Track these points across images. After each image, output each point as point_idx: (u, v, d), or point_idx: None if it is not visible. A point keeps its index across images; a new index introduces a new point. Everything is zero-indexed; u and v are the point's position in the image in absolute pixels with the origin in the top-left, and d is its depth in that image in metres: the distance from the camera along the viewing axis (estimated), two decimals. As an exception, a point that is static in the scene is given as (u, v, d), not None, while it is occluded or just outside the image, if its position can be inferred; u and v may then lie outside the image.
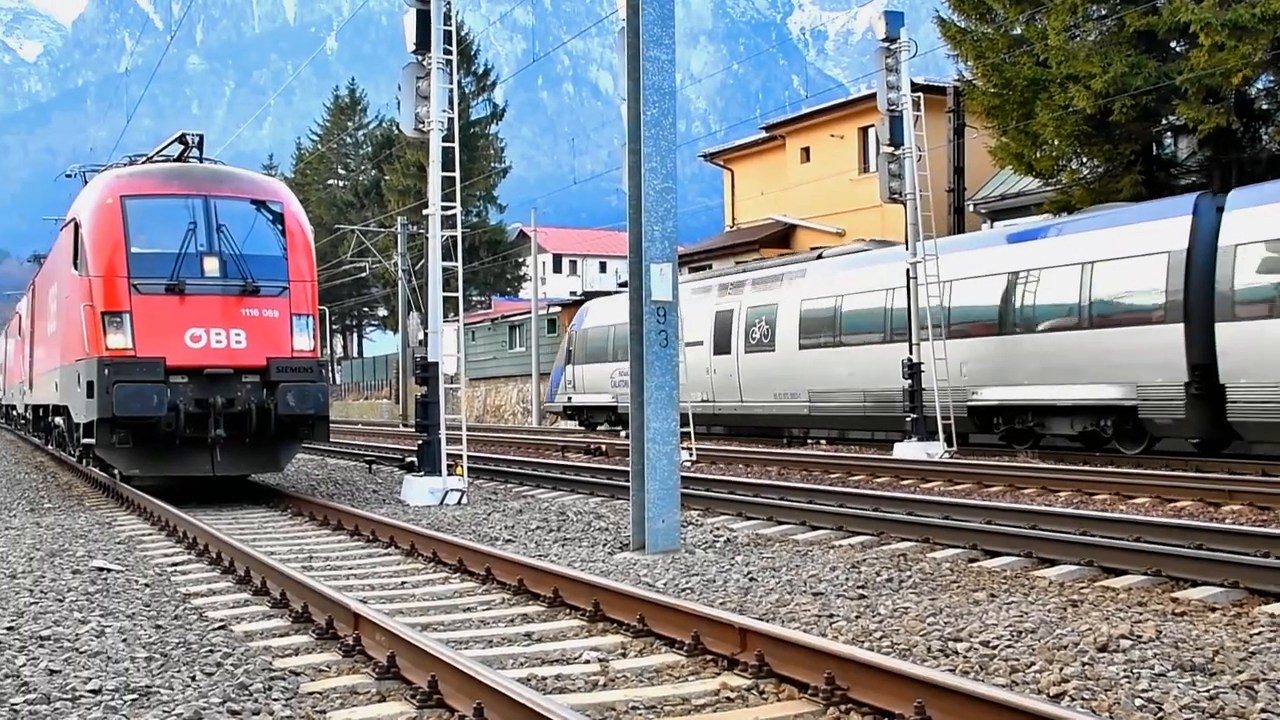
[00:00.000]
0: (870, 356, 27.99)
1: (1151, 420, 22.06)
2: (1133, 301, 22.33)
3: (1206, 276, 20.95)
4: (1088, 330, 22.89)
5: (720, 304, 34.13)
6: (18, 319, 35.80)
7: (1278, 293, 19.73)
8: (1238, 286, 20.25)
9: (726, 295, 34.16)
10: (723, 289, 34.53)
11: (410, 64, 18.05)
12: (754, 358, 32.30)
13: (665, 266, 12.07)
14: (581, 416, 42.78)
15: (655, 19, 12.14)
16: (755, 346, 32.11)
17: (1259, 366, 19.83)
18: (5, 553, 12.26)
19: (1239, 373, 20.14)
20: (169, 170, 18.84)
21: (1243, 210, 20.69)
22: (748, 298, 33.07)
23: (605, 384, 39.71)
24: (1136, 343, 22.05)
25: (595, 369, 40.62)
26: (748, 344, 32.59)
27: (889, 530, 12.65)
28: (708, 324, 34.11)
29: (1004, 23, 30.38)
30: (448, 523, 14.54)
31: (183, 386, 16.64)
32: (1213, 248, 20.89)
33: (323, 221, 73.45)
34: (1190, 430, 21.89)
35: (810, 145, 46.30)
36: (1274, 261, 19.82)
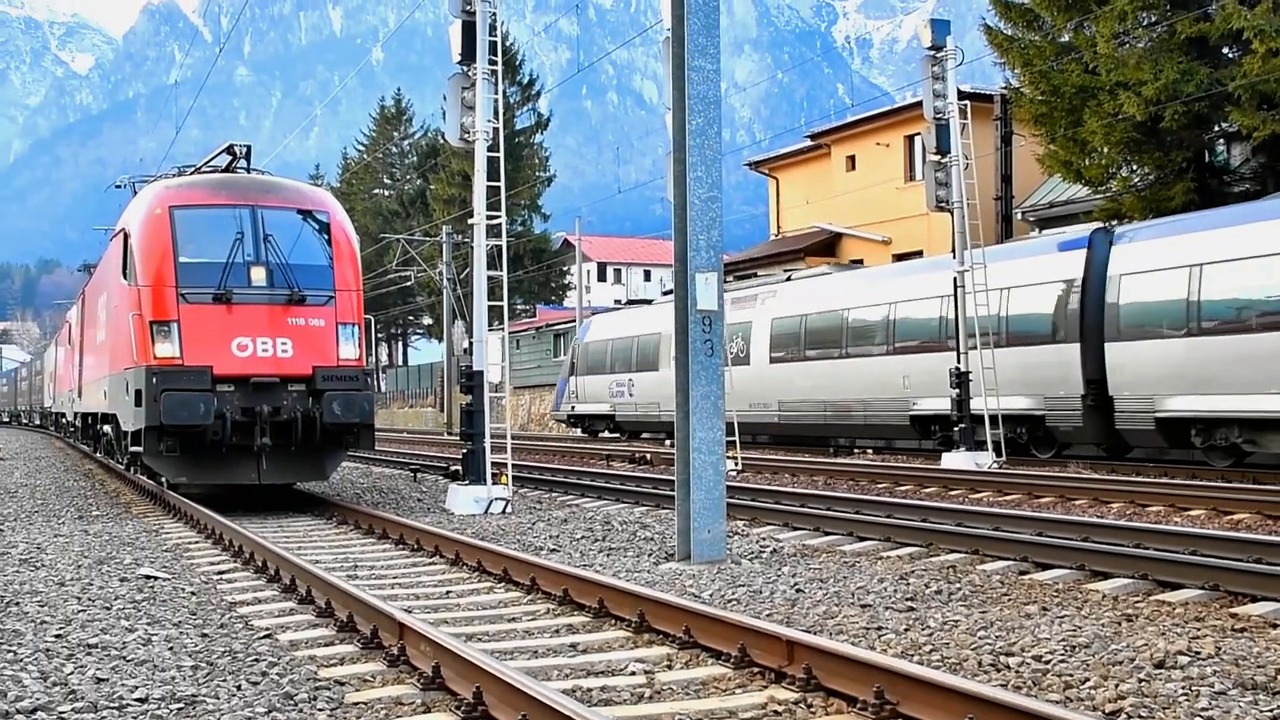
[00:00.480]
0: (829, 370, 30.52)
1: (1057, 427, 24.83)
2: (1039, 323, 25.12)
3: (1098, 302, 23.60)
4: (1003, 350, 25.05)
5: None
6: (67, 328, 36.05)
7: (1151, 318, 22.45)
8: (1122, 312, 23.01)
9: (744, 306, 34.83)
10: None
11: (455, 74, 18.03)
12: (734, 371, 31.29)
13: (710, 276, 12.00)
14: (584, 425, 44.97)
15: (700, 28, 12.08)
16: (733, 360, 32.67)
17: (1138, 381, 22.66)
18: (54, 560, 12.30)
19: (1123, 386, 23.00)
20: (217, 181, 18.92)
21: (1127, 244, 23.66)
22: (727, 314, 32.19)
23: (604, 394, 42.34)
24: (1037, 360, 24.86)
25: (595, 380, 43.10)
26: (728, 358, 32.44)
27: (938, 541, 12.53)
28: None
29: (1052, 30, 30.18)
30: (492, 532, 14.50)
31: (229, 395, 16.68)
32: (1104, 277, 23.57)
33: (368, 231, 73.72)
34: (1087, 437, 24.49)
35: (856, 153, 46.17)
36: (1149, 290, 22.53)
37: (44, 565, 11.96)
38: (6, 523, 16.29)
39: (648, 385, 39.68)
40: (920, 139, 30.33)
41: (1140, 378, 22.62)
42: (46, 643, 8.19)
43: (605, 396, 42.50)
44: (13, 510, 18.16)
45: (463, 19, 17.85)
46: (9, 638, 8.38)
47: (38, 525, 15.94)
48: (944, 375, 25.62)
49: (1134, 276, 22.92)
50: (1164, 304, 22.24)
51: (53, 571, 11.53)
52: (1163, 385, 22.16)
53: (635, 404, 40.78)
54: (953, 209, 25.27)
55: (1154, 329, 22.37)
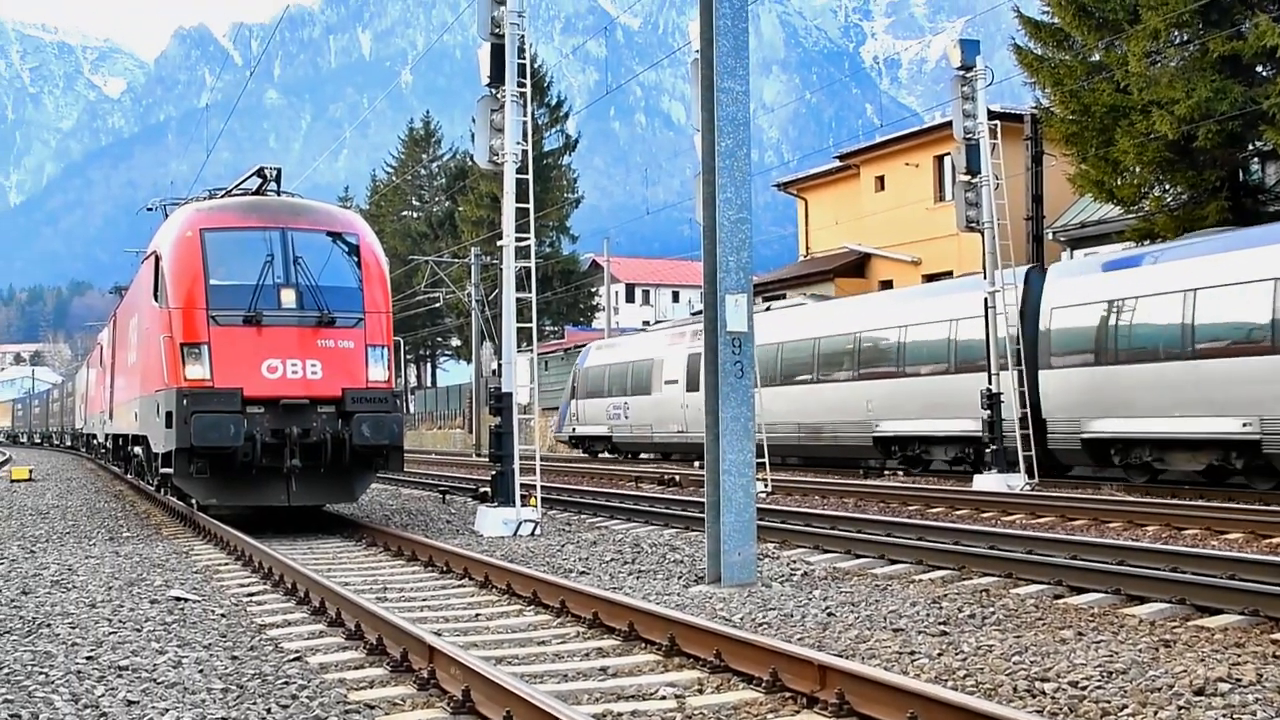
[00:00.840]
0: (802, 394, 32.57)
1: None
2: (981, 353, 26.02)
3: (1033, 333, 25.61)
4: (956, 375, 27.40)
5: (692, 348, 38.08)
6: (99, 349, 36.20)
7: (1076, 347, 24.49)
8: (1053, 342, 25.08)
9: (697, 340, 36.08)
10: (694, 334, 37.70)
11: (484, 97, 18.04)
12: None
13: (740, 297, 11.96)
14: (584, 445, 47.06)
15: (729, 50, 12.05)
16: None
17: (1066, 405, 24.63)
18: (85, 581, 12.31)
19: (1054, 410, 24.92)
20: (247, 203, 18.96)
21: (1057, 280, 25.82)
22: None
23: (602, 416, 44.72)
24: (970, 386, 26.15)
25: (594, 403, 45.49)
26: None
27: (970, 564, 12.43)
28: (681, 365, 39.03)
29: (1082, 49, 30.07)
30: (521, 554, 14.46)
31: (259, 417, 16.69)
32: (1037, 310, 25.61)
33: (397, 252, 73.93)
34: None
35: (885, 174, 46.11)
36: (1075, 323, 24.59)
37: (75, 587, 11.98)
38: (38, 544, 16.33)
39: (642, 408, 41.87)
40: (950, 159, 30.32)
41: (1068, 402, 24.63)
42: (78, 664, 8.19)
43: (603, 419, 44.67)
44: (44, 531, 18.21)
45: (492, 42, 17.88)
46: (40, 660, 8.38)
47: (69, 547, 15.97)
48: (903, 399, 28.59)
49: (1062, 310, 25.02)
50: (1086, 335, 24.27)
51: (84, 593, 11.54)
52: (1086, 409, 24.09)
53: (630, 426, 42.81)
54: (983, 229, 25.18)
55: (1079, 358, 24.44)
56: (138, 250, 29.18)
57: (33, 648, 8.83)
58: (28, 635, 9.39)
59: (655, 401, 41.11)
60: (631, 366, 43.04)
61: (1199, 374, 21.87)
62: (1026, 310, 25.88)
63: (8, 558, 14.58)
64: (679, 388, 38.97)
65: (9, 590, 11.74)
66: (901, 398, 28.82)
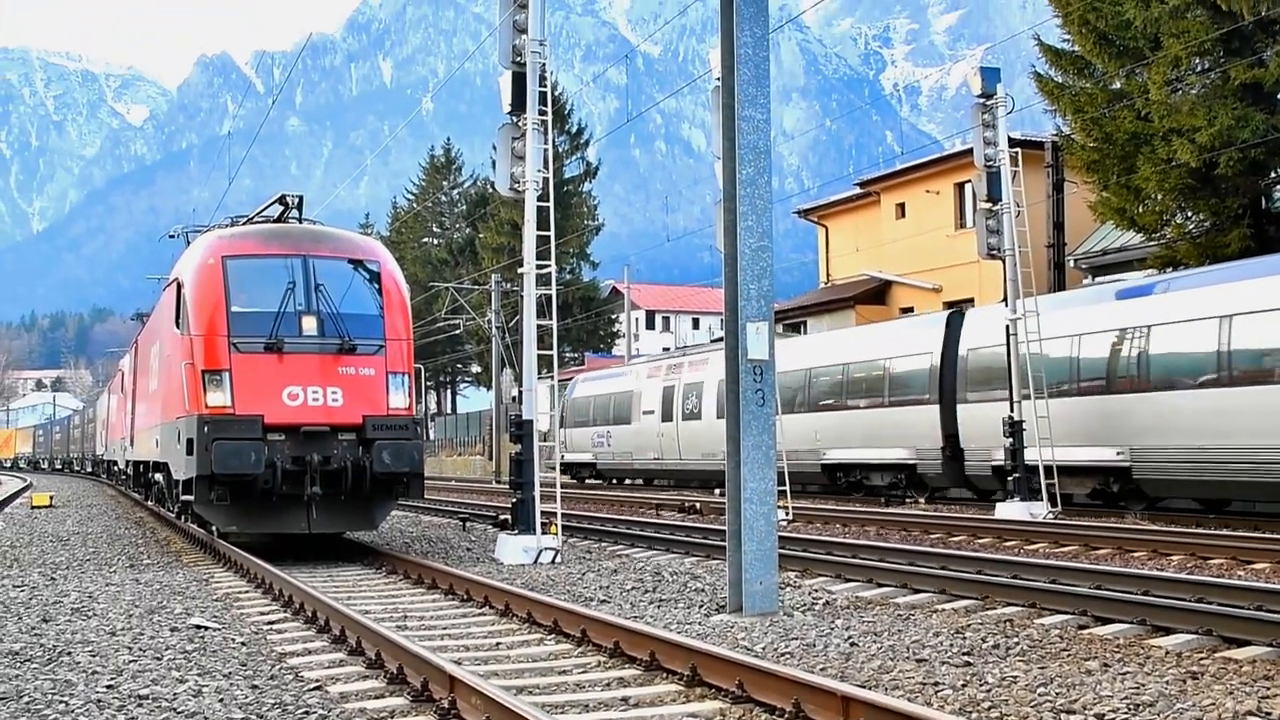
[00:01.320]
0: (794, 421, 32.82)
1: (925, 474, 29.24)
2: (911, 387, 29.71)
3: (952, 371, 28.31)
4: (887, 409, 30.29)
5: (666, 381, 41.55)
6: (120, 376, 36.30)
7: (986, 384, 26.91)
8: (969, 379, 27.69)
9: (671, 374, 41.60)
10: (669, 369, 42.04)
11: (505, 125, 18.05)
12: (688, 424, 39.69)
13: (762, 325, 11.93)
14: (571, 472, 49.11)
15: (750, 79, 12.04)
16: (689, 416, 39.58)
17: (979, 435, 27.05)
18: (105, 609, 12.31)
19: (970, 439, 27.52)
20: (269, 231, 19.01)
21: (972, 324, 28.51)
22: (684, 376, 40.63)
23: (588, 444, 47.50)
24: (911, 419, 29.25)
25: (580, 432, 48.10)
26: (684, 413, 40.01)
27: (994, 594, 12.35)
28: (658, 398, 41.80)
29: (1103, 77, 30.03)
30: (542, 582, 14.42)
31: (280, 444, 16.68)
32: (956, 351, 28.31)
33: (418, 279, 74.03)
34: (946, 482, 28.96)
35: (905, 201, 46.06)
36: (985, 362, 27.14)
37: (96, 614, 11.98)
38: (59, 571, 16.35)
39: (624, 436, 44.47)
40: (970, 186, 30.29)
41: (980, 433, 26.96)
42: (98, 693, 8.18)
43: (589, 446, 47.47)
44: (65, 558, 18.23)
45: (513, 70, 17.90)
46: (61, 688, 8.37)
47: (89, 574, 15.98)
48: (848, 430, 31.61)
49: (976, 351, 27.76)
50: (993, 373, 26.56)
51: (104, 621, 11.53)
52: (995, 439, 25.71)
53: (613, 453, 45.39)
54: (1004, 257, 25.11)
55: (987, 393, 26.79)
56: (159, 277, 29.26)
57: (53, 676, 8.82)
58: (48, 663, 9.38)
59: (635, 430, 43.53)
60: (613, 398, 45.58)
61: (1082, 408, 24.46)
62: (946, 349, 28.73)
63: (29, 585, 14.59)
64: (655, 418, 41.75)
65: (30, 618, 11.74)
66: (845, 429, 31.76)
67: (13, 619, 11.70)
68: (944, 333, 28.90)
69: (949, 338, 28.72)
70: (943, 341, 28.79)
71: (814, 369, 33.52)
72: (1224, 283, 22.11)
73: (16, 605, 12.65)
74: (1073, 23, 29.90)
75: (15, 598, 13.28)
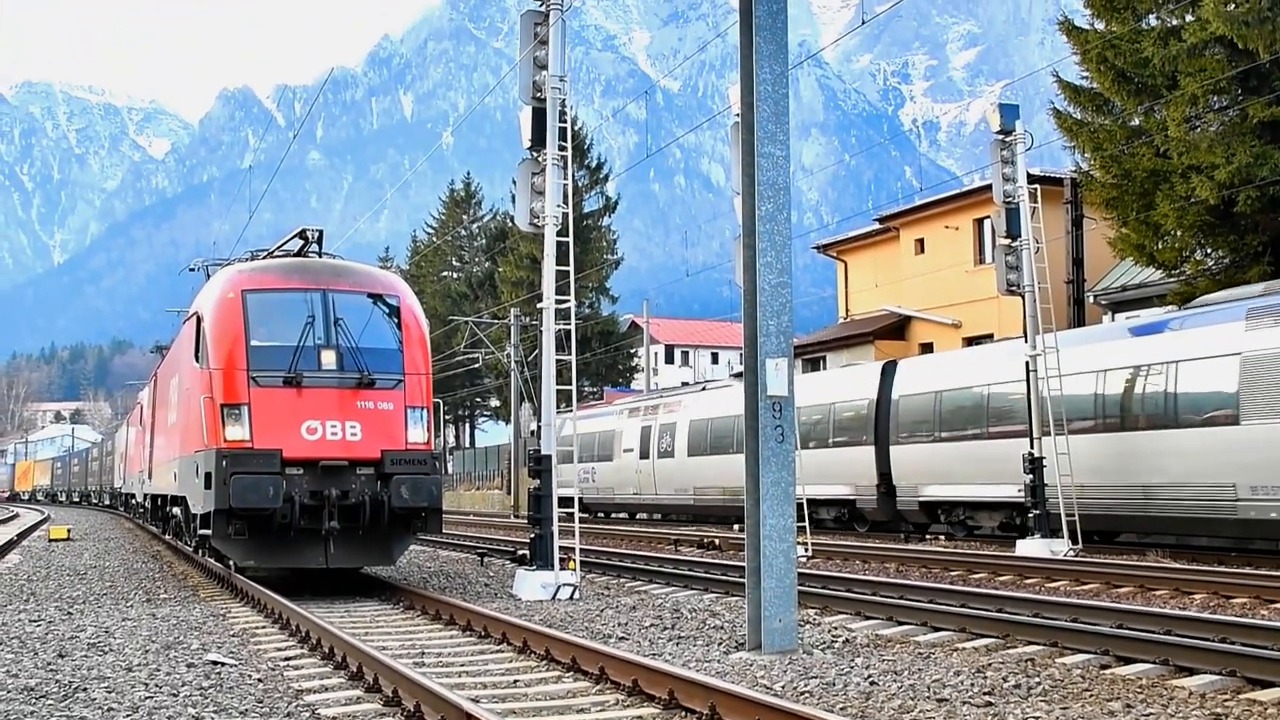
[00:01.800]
0: (727, 462, 36.30)
1: (863, 510, 32.34)
2: (851, 430, 32.68)
3: (886, 415, 31.22)
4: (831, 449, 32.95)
5: (644, 421, 44.22)
6: (139, 409, 36.36)
7: (915, 428, 29.88)
8: (900, 423, 30.57)
9: (649, 415, 44.19)
10: (647, 409, 44.64)
11: (525, 160, 18.08)
12: (662, 462, 42.33)
13: (781, 361, 11.90)
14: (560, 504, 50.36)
15: (770, 116, 12.04)
16: (663, 454, 42.32)
17: (909, 474, 30.10)
18: (122, 644, 12.28)
19: (901, 477, 30.46)
20: (289, 265, 19.03)
21: (903, 373, 31.43)
22: (660, 417, 43.25)
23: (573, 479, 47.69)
24: (851, 458, 32.19)
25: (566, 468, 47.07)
26: (659, 452, 42.66)
27: (1015, 632, 12.27)
28: (636, 436, 44.32)
29: (1121, 114, 30.02)
30: (560, 618, 14.37)
31: (298, 478, 16.64)
32: (889, 397, 31.20)
33: (437, 313, 74.11)
34: (880, 516, 31.76)
35: (925, 236, 46.04)
36: (913, 408, 30.05)
37: (112, 650, 11.95)
38: (75, 605, 16.33)
39: (606, 472, 46.78)
40: (990, 222, 30.27)
41: (909, 471, 30.05)
42: (113, 731, 8.14)
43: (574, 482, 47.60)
44: (82, 592, 18.22)
45: (533, 105, 17.94)
46: (75, 725, 8.33)
47: (106, 608, 15.96)
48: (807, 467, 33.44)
49: (906, 398, 30.55)
50: (921, 419, 29.61)
51: (120, 656, 11.50)
52: (921, 477, 29.29)
53: (597, 488, 47.25)
54: (1024, 293, 25.07)
55: (916, 436, 29.76)
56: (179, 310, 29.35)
57: (68, 713, 8.80)
58: (64, 700, 9.35)
59: (616, 467, 45.83)
60: (598, 437, 47.52)
61: (991, 451, 27.06)
62: (881, 395, 31.61)
63: (45, 619, 14.58)
64: (634, 455, 44.31)
65: (45, 653, 11.72)
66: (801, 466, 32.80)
67: (28, 654, 11.68)
68: (879, 381, 31.84)
69: (883, 386, 31.60)
70: (878, 389, 31.74)
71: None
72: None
73: (32, 640, 12.63)
74: (1091, 60, 29.93)
75: (31, 632, 13.27)
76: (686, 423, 40.82)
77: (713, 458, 38.61)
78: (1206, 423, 21.81)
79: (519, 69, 18.10)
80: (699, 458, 39.61)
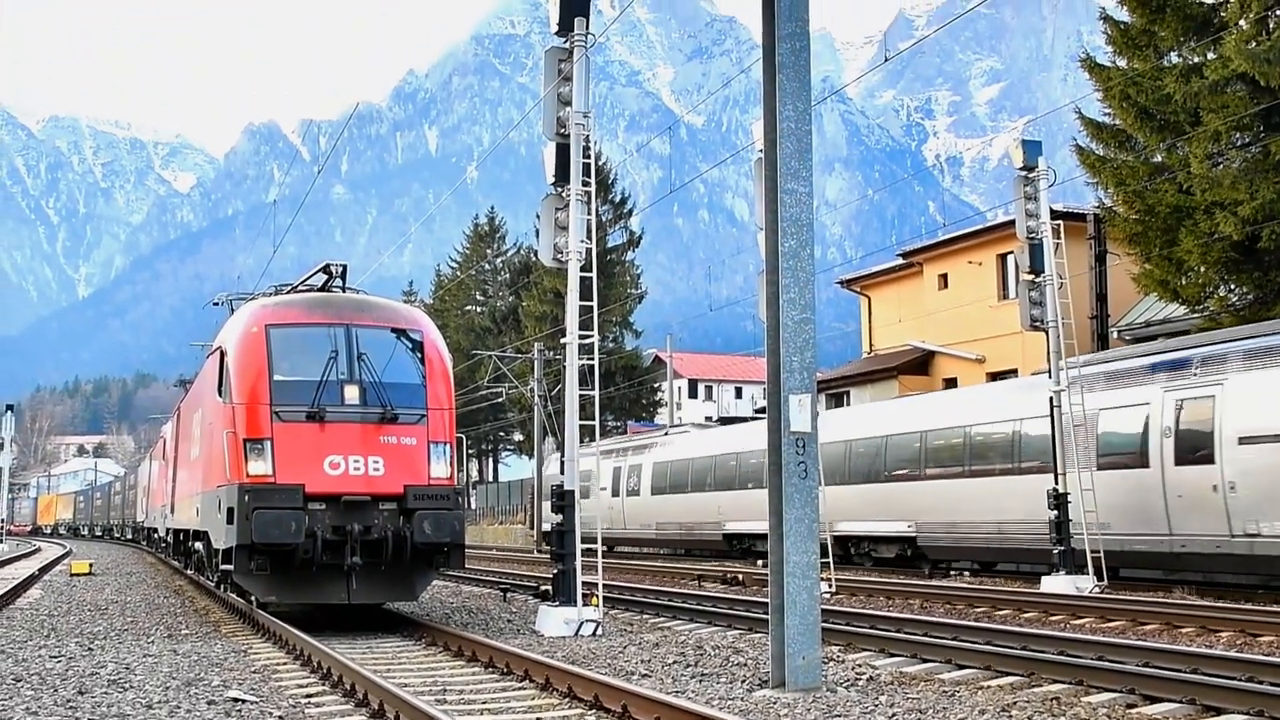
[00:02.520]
0: (683, 500, 42.05)
1: None
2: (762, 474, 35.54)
3: None
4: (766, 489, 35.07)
5: (616, 462, 47.69)
6: (162, 443, 36.43)
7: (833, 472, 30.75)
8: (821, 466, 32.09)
9: (620, 457, 47.75)
10: (620, 452, 48.14)
11: (549, 195, 18.09)
12: (631, 499, 46.23)
13: (804, 397, 11.88)
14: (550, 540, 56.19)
15: (793, 152, 12.05)
16: (630, 492, 46.27)
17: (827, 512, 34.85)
18: (143, 681, 12.26)
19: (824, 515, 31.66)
20: (313, 299, 19.04)
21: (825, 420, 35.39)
22: (629, 459, 46.96)
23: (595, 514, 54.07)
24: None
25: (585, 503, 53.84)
26: (627, 491, 46.42)
27: (1040, 671, 12.18)
28: (610, 476, 47.62)
29: (1144, 150, 30.00)
30: (583, 655, 14.31)
31: (321, 513, 16.62)
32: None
33: (460, 347, 74.18)
34: None
35: (948, 272, 45.96)
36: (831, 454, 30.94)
37: (132, 686, 11.93)
38: (96, 641, 16.33)
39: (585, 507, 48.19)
40: (1013, 257, 30.29)
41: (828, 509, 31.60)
42: (133, 768, 8.11)
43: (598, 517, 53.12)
44: (103, 628, 18.22)
45: (557, 141, 17.97)
46: (96, 762, 8.31)
47: (127, 644, 15.96)
48: (741, 505, 37.63)
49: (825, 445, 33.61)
50: (838, 463, 32.14)
51: (141, 693, 11.48)
52: (837, 514, 30.92)
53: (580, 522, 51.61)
54: (1047, 328, 25.01)
55: (832, 479, 30.46)
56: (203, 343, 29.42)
57: (90, 749, 8.77)
58: (85, 735, 9.33)
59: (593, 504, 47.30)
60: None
61: (888, 491, 30.99)
62: None
63: (65, 655, 14.58)
64: (608, 493, 47.54)
65: (65, 689, 11.71)
66: (739, 504, 38.06)
67: (48, 690, 11.67)
68: None
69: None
70: None
71: (718, 456, 41.08)
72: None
73: (53, 676, 12.62)
74: (1114, 97, 29.96)
75: (51, 669, 13.26)
76: (650, 465, 45.17)
77: (672, 496, 43.06)
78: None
79: (543, 105, 18.14)
80: (663, 496, 43.95)
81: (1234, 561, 21.75)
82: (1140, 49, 29.68)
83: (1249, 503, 21.04)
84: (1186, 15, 28.87)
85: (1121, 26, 30.35)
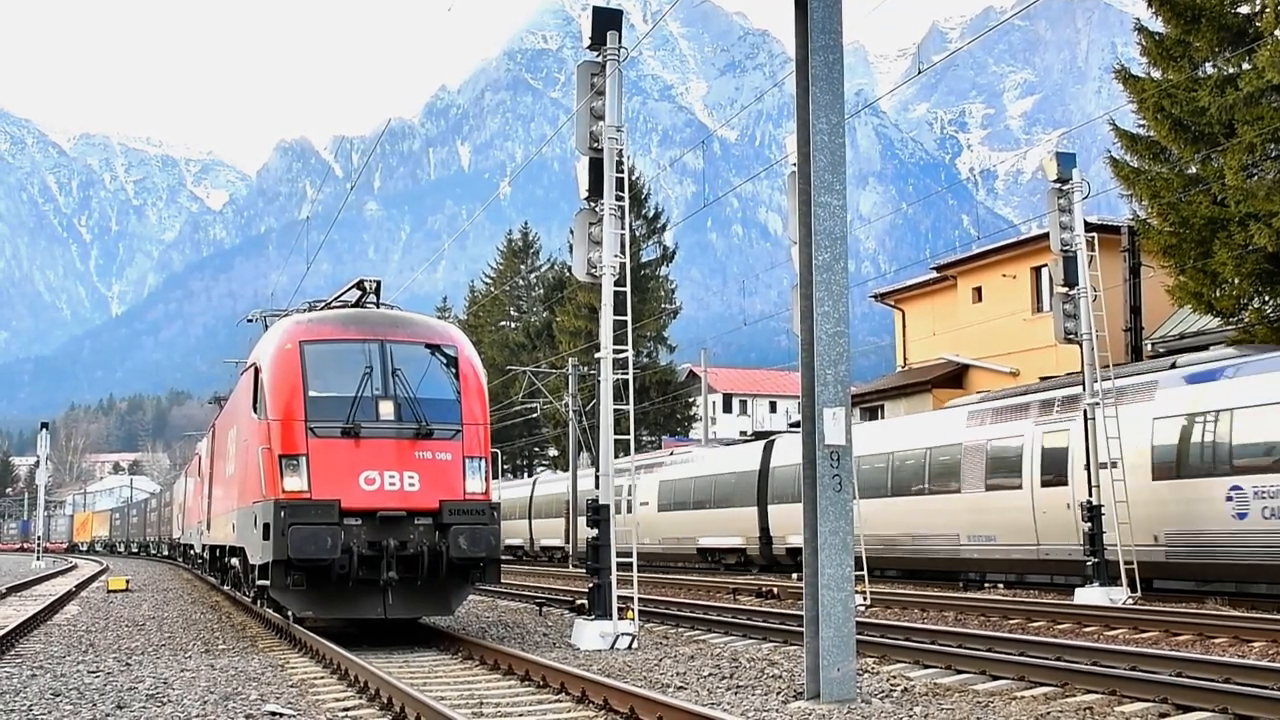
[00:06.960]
0: (680, 517, 46.07)
1: (751, 555, 40.45)
2: (740, 494, 41.14)
3: (765, 482, 39.64)
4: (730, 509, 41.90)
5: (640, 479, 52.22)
6: (197, 460, 36.64)
7: (782, 492, 37.27)
8: (774, 488, 38.80)
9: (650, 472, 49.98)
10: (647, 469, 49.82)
11: (583, 210, 18.13)
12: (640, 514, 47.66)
13: (839, 411, 11.90)
14: (543, 553, 62.39)
15: (826, 166, 12.09)
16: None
17: (780, 527, 37.92)
18: (180, 695, 12.35)
19: (775, 530, 38.69)
20: (347, 316, 19.13)
21: (778, 449, 39.43)
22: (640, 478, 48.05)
23: (550, 531, 60.55)
24: (743, 516, 40.61)
25: (543, 522, 61.93)
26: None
27: (1073, 681, 12.18)
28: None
29: (1179, 162, 29.91)
30: (619, 668, 14.34)
31: (356, 529, 16.69)
32: (769, 467, 39.56)
33: (495, 363, 74.36)
34: (762, 560, 39.76)
35: (982, 285, 45.89)
36: (782, 476, 37.55)
37: (170, 701, 12.02)
38: (134, 656, 16.45)
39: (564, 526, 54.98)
40: (1047, 270, 30.22)
41: (780, 525, 37.84)
42: (174, 779, 8.19)
43: (554, 534, 59.69)
44: (140, 643, 18.34)
45: (590, 156, 18.02)
46: (137, 773, 8.39)
47: (164, 659, 16.06)
48: (711, 523, 43.22)
49: (779, 468, 38.51)
50: (786, 485, 36.53)
51: (179, 708, 11.57)
52: (786, 529, 36.21)
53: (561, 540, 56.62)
54: (1081, 341, 24.97)
55: (784, 498, 36.81)
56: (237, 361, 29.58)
57: (131, 760, 8.85)
58: (126, 747, 9.41)
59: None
60: (556, 497, 58.10)
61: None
62: (763, 466, 39.74)
63: (103, 670, 14.69)
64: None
65: (104, 704, 11.81)
66: (709, 523, 43.21)
67: (87, 705, 11.77)
68: (761, 454, 40.27)
69: (765, 458, 39.97)
70: (760, 461, 40.12)
71: (695, 478, 45.52)
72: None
73: (91, 692, 12.72)
74: (1148, 109, 29.89)
75: (90, 684, 13.36)
76: (657, 483, 48.32)
77: (675, 513, 46.47)
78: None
79: (576, 120, 18.20)
80: (666, 513, 47.26)
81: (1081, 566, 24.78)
82: (1175, 60, 29.63)
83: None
84: (1221, 26, 28.79)
85: (1156, 37, 30.29)
